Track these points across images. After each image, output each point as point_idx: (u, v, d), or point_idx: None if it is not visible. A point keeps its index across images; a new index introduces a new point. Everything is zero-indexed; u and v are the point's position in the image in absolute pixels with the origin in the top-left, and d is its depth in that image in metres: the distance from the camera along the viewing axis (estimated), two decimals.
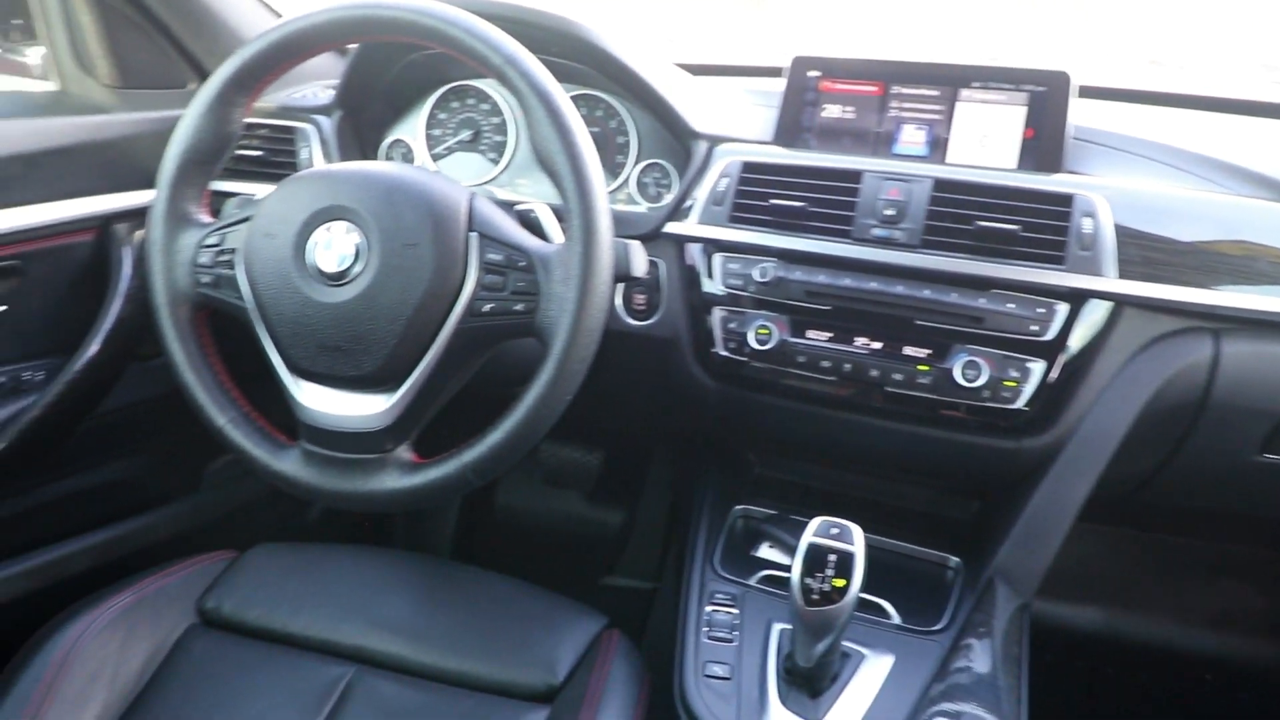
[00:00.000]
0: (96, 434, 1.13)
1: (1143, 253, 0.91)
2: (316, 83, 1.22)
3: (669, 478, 1.72)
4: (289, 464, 0.82)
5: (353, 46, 1.15)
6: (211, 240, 0.83)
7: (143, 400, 1.17)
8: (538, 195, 1.17)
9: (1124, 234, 0.91)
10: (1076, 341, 0.92)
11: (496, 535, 1.75)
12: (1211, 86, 1.34)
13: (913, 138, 1.05)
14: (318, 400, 0.80)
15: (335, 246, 0.76)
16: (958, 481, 1.13)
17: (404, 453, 0.81)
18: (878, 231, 0.97)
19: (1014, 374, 0.93)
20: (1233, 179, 0.97)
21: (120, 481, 1.25)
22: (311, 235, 0.77)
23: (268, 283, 0.79)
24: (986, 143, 1.03)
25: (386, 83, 1.17)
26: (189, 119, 0.83)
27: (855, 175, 0.99)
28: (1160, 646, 1.57)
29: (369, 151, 1.20)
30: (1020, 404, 0.93)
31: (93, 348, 1.04)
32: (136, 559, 1.23)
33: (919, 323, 0.96)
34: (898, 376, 0.96)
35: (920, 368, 0.95)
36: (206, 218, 0.87)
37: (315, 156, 1.13)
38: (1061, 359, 0.92)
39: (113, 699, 0.85)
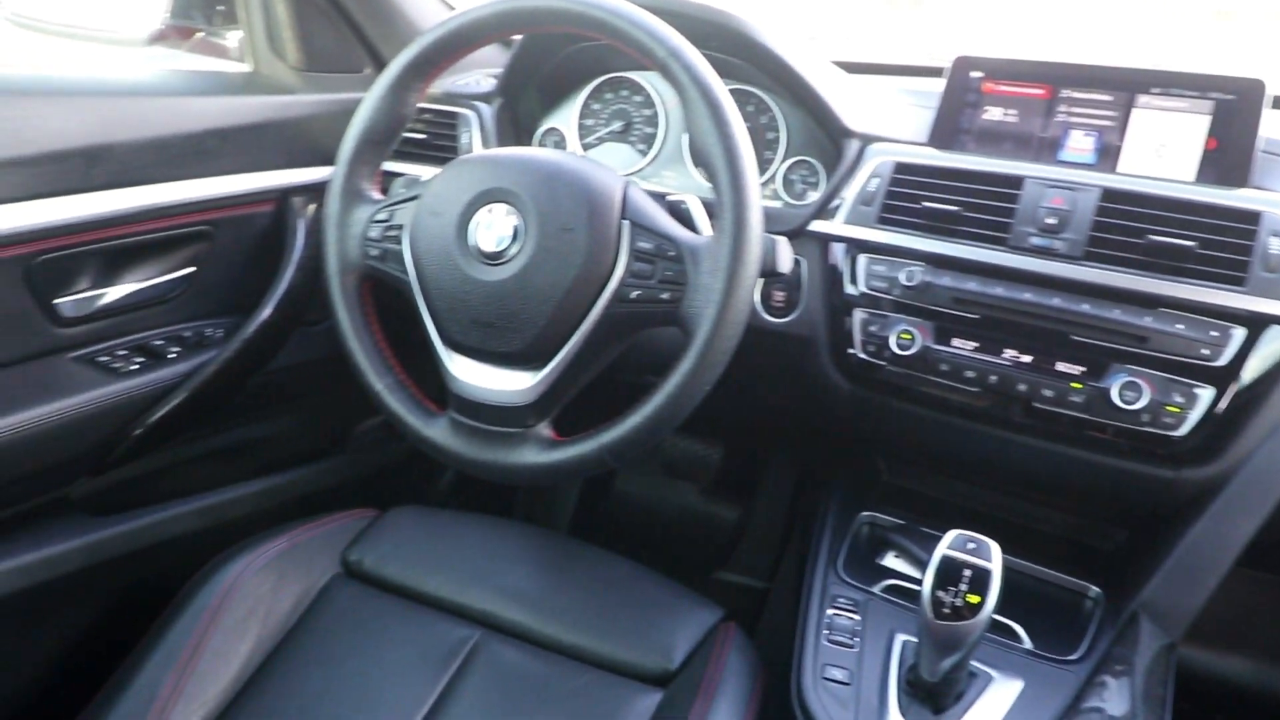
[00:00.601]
0: (263, 390, 1.22)
1: None
2: (479, 70, 1.27)
3: (788, 478, 1.70)
4: (438, 431, 0.87)
5: (518, 37, 1.19)
6: (381, 216, 0.89)
7: (304, 362, 1.26)
8: (682, 188, 1.18)
9: None
10: (1252, 370, 0.86)
11: (611, 519, 1.79)
12: None
13: (1080, 144, 1.00)
14: (468, 373, 0.84)
15: (495, 227, 0.80)
16: (1104, 508, 1.07)
17: (544, 429, 0.84)
18: (1036, 240, 0.93)
19: (1178, 399, 0.87)
20: None
21: (278, 436, 1.34)
22: (474, 216, 0.81)
23: (430, 259, 0.83)
24: (1163, 153, 0.97)
25: (545, 73, 1.21)
26: (369, 101, 0.89)
27: (1016, 181, 0.96)
28: None
29: (524, 138, 1.25)
30: (1183, 431, 0.87)
31: (267, 310, 1.13)
32: (289, 509, 1.33)
33: (1075, 338, 0.91)
34: (1048, 393, 0.92)
35: (1074, 385, 0.91)
36: (377, 195, 0.92)
37: (475, 141, 1.18)
38: (1233, 388, 0.86)
39: (265, 634, 0.93)
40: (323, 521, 1.06)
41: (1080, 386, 0.91)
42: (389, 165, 1.19)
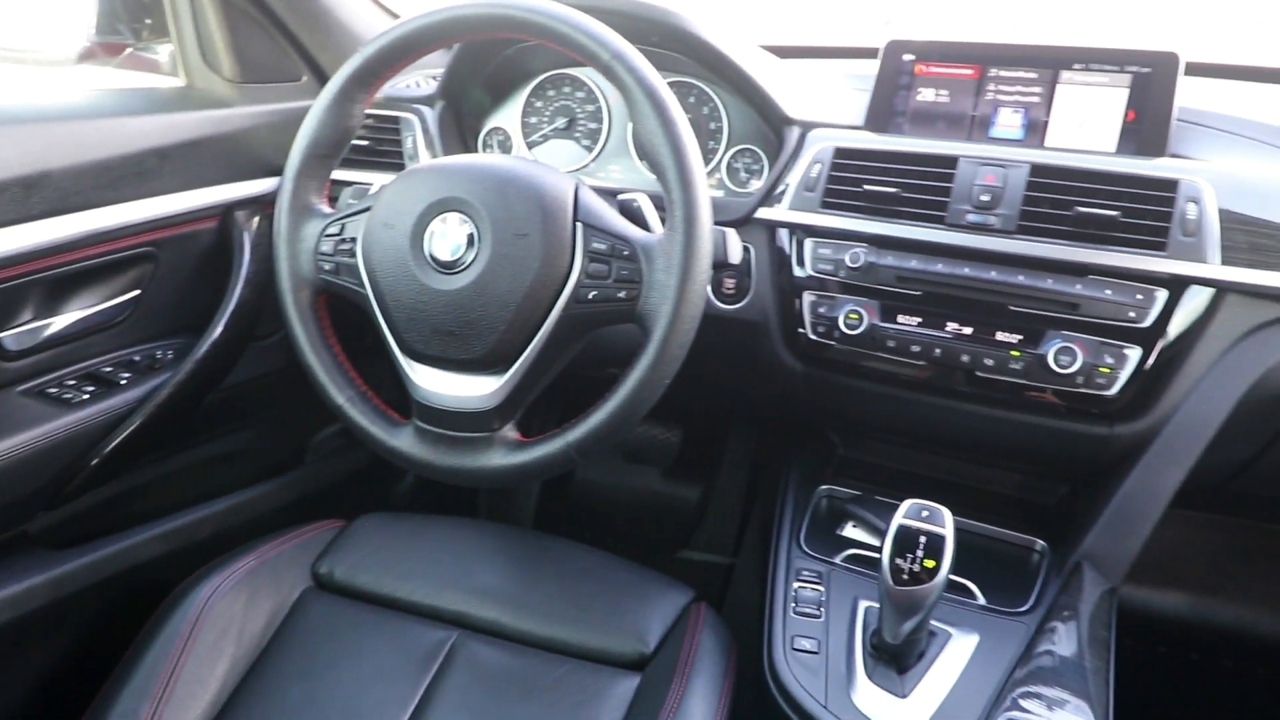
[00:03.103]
0: (218, 408, 1.21)
1: (1249, 238, 0.89)
2: (420, 72, 1.26)
3: (746, 456, 1.74)
4: (404, 441, 0.88)
5: None
6: (332, 230, 0.89)
7: (258, 377, 1.25)
8: (629, 181, 1.20)
9: (1229, 219, 0.90)
10: (1175, 328, 0.91)
11: (575, 509, 1.81)
12: None
13: (1009, 121, 1.04)
14: (431, 381, 0.85)
15: (450, 236, 0.81)
16: (1046, 466, 1.13)
17: (510, 432, 0.86)
18: (973, 217, 0.97)
19: (1109, 360, 0.92)
20: None
21: (237, 453, 1.33)
22: (428, 226, 0.82)
23: (386, 270, 0.83)
24: (1086, 126, 1.01)
25: (487, 73, 1.21)
26: (314, 115, 0.89)
27: (951, 160, 0.99)
28: (1248, 634, 1.54)
29: (468, 139, 1.25)
30: (1114, 390, 0.93)
31: (217, 328, 1.12)
32: (255, 525, 1.32)
33: (1012, 308, 0.96)
34: (989, 362, 0.97)
35: (1012, 353, 0.96)
36: (327, 208, 0.92)
37: (419, 145, 1.18)
38: (1159, 346, 0.91)
39: (240, 654, 0.93)
40: (290, 536, 1.06)
41: (1019, 354, 0.95)
42: (334, 174, 1.19)
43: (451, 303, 0.81)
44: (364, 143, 1.20)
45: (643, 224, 0.87)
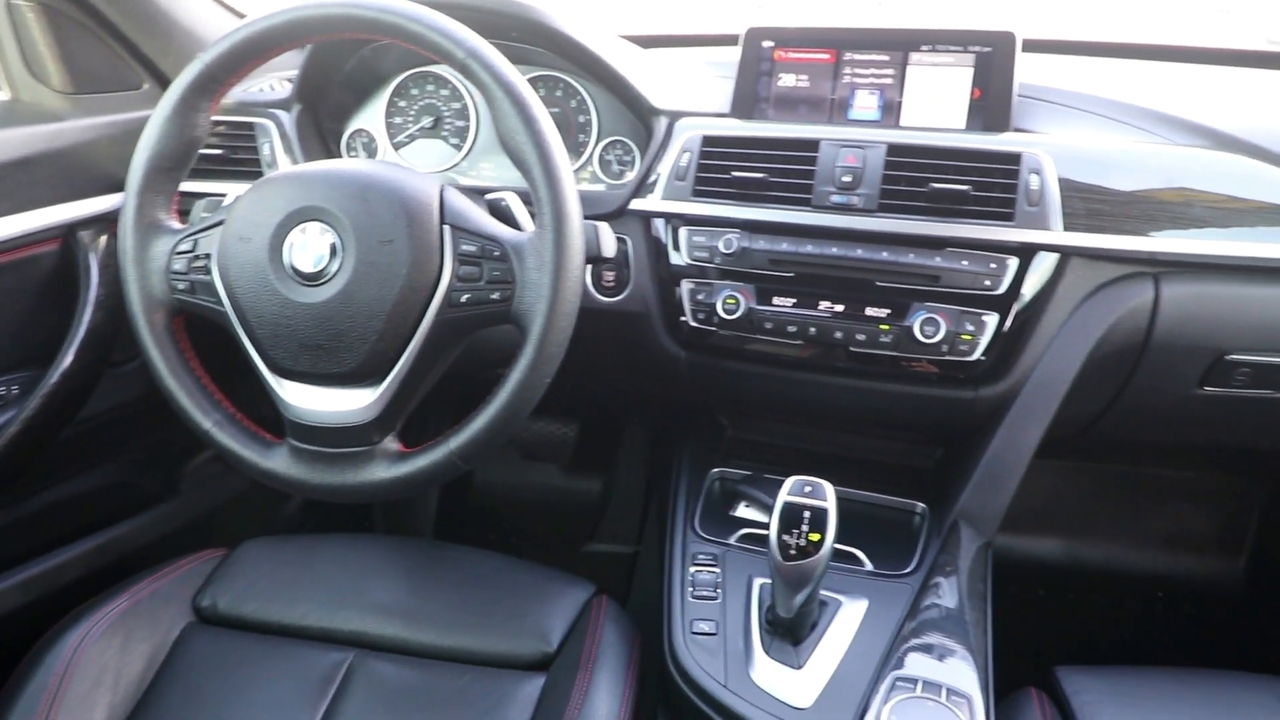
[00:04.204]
0: (77, 442, 1.14)
1: (1086, 205, 0.96)
2: (273, 75, 1.21)
3: (643, 445, 1.76)
4: (278, 462, 0.84)
5: None
6: (184, 246, 0.84)
7: (119, 405, 1.18)
8: (500, 179, 1.18)
9: (1068, 188, 0.96)
10: (1027, 293, 0.97)
11: (477, 512, 1.79)
12: (1156, 34, 1.38)
13: (866, 103, 1.08)
14: (302, 398, 0.82)
15: (311, 247, 0.78)
16: (921, 432, 1.18)
17: (391, 443, 0.84)
18: (836, 198, 1.00)
19: (970, 327, 0.97)
20: (1169, 129, 1.02)
21: (104, 487, 1.25)
22: (286, 237, 0.79)
23: (245, 286, 0.80)
24: (937, 104, 1.06)
25: (345, 73, 1.17)
26: (153, 127, 0.84)
27: (812, 144, 1.02)
28: (1117, 570, 1.67)
29: (330, 142, 1.20)
30: (977, 355, 0.98)
31: (67, 358, 1.04)
32: (127, 563, 1.25)
33: (879, 284, 1.00)
34: (861, 337, 1.00)
35: (882, 327, 0.99)
36: (177, 224, 0.87)
37: (277, 151, 1.13)
38: (1014, 310, 0.97)
39: (117, 702, 0.88)
40: (166, 570, 1.01)
41: (888, 327, 0.99)
42: (185, 185, 1.12)
43: (318, 315, 0.78)
44: (217, 151, 1.14)
45: (513, 223, 0.86)
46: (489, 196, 0.88)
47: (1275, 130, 0.98)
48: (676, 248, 1.06)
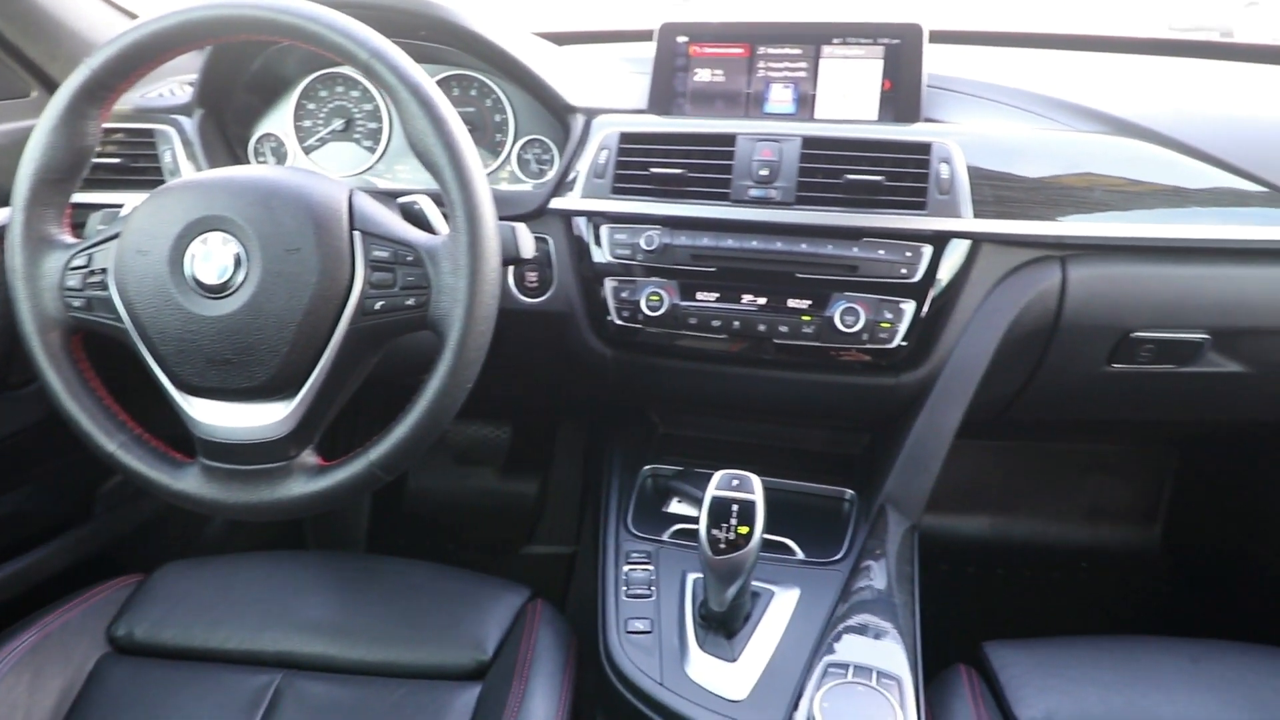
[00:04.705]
0: None
1: (995, 192, 0.98)
2: (173, 79, 1.16)
3: (578, 444, 1.75)
4: (190, 482, 0.81)
5: None
6: (79, 261, 0.80)
7: (21, 430, 1.12)
8: (418, 181, 1.16)
9: (977, 176, 0.98)
10: (942, 279, 0.99)
11: (411, 521, 1.76)
12: (1057, 24, 1.43)
13: (781, 96, 1.09)
14: (212, 415, 0.79)
15: (214, 258, 0.75)
16: (847, 420, 1.20)
17: (309, 457, 0.81)
18: (755, 192, 1.01)
19: (888, 315, 0.99)
20: (1071, 116, 1.05)
21: (7, 517, 1.19)
22: (187, 248, 0.76)
23: (145, 301, 0.77)
24: (850, 97, 1.08)
25: (250, 75, 1.13)
26: (38, 136, 0.79)
27: (729, 139, 1.03)
28: (1041, 544, 1.73)
29: (237, 148, 1.16)
30: (896, 342, 1.00)
31: None
32: (36, 595, 1.18)
33: (800, 275, 1.01)
34: (784, 328, 1.01)
35: (804, 318, 1.01)
36: (70, 237, 0.83)
37: (179, 159, 1.08)
38: (930, 297, 0.99)
39: None
40: (78, 600, 0.96)
41: (810, 318, 1.01)
42: (82, 197, 1.07)
43: (224, 329, 0.76)
44: (115, 160, 1.09)
45: (426, 226, 0.85)
46: (401, 200, 0.86)
47: (1170, 115, 1.03)
48: (599, 245, 1.05)
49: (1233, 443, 1.56)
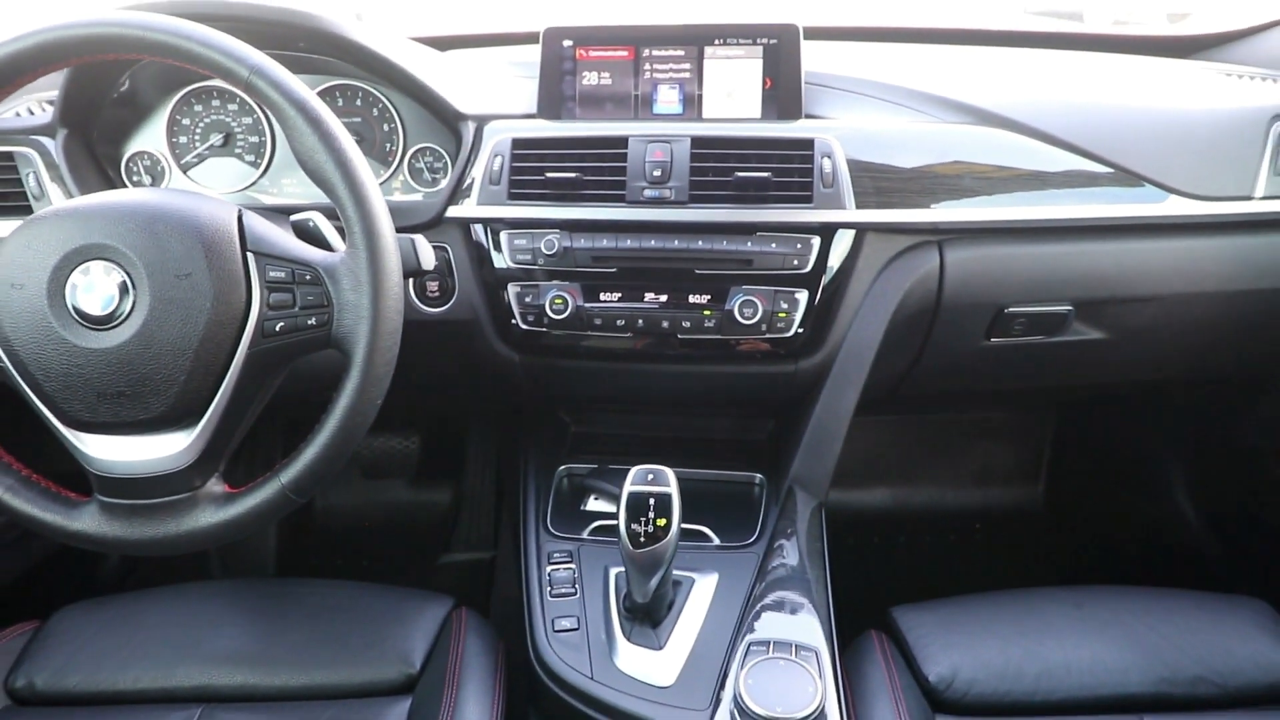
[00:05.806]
0: None
1: (874, 183, 1.04)
2: (30, 97, 1.10)
3: (490, 448, 1.75)
4: (87, 521, 0.78)
5: None
6: None
7: None
8: (307, 195, 1.13)
9: (857, 168, 1.03)
10: (831, 268, 1.04)
11: (323, 540, 1.72)
12: (922, 15, 1.50)
13: (668, 97, 1.12)
14: (107, 450, 0.76)
15: (97, 288, 0.72)
16: (751, 407, 1.25)
17: (215, 486, 0.79)
18: (649, 192, 1.03)
19: (784, 305, 1.03)
20: (940, 109, 1.11)
21: None
22: (68, 279, 0.72)
23: (25, 337, 0.73)
24: (734, 96, 1.11)
25: (117, 91, 1.08)
26: None
27: (621, 141, 1.05)
28: (938, 510, 1.83)
29: (108, 169, 1.10)
30: (793, 331, 1.04)
31: None
32: None
33: (698, 272, 1.04)
34: (686, 324, 1.04)
35: (705, 312, 1.04)
36: None
37: (44, 183, 1.02)
38: (821, 285, 1.04)
39: None
40: None
41: (711, 312, 1.04)
42: None
43: (115, 361, 0.73)
44: None
45: (322, 243, 0.83)
46: (294, 218, 0.85)
47: (1027, 105, 1.10)
48: (499, 251, 1.05)
49: (1104, 404, 1.69)
